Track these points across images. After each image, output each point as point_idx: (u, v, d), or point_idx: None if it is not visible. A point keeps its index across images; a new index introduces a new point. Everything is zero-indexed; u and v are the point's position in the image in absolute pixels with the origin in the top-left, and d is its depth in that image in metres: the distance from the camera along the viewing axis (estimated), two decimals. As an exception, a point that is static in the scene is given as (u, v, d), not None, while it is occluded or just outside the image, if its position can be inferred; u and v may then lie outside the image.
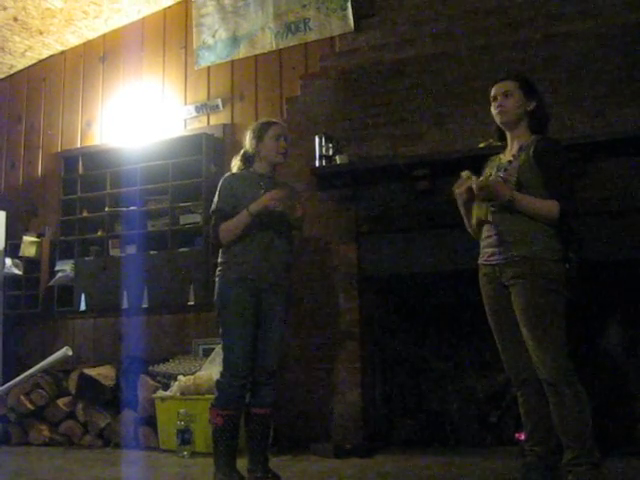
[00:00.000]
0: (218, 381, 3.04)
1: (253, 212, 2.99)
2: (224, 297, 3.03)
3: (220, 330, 3.04)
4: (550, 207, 2.60)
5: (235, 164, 3.23)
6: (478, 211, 2.75)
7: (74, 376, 4.56)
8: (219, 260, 3.12)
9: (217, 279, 3.09)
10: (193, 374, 4.19)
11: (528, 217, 2.62)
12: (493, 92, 2.79)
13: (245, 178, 3.14)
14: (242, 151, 3.21)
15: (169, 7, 5.30)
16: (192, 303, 4.66)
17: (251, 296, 3.01)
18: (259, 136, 3.13)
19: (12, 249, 5.31)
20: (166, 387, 4.27)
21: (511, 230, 2.66)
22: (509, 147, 2.81)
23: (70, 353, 4.67)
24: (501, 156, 2.83)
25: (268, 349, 3.05)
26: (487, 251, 2.75)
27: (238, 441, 3.02)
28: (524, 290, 2.59)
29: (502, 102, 2.74)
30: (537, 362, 2.57)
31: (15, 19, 5.13)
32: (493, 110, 2.79)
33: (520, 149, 2.72)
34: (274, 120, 3.29)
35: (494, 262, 2.71)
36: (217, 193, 3.13)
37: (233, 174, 3.20)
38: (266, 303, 3.05)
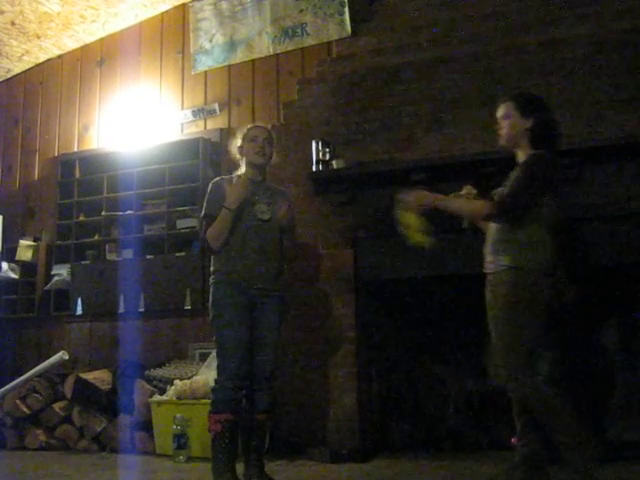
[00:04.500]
0: (213, 387, 3.04)
1: (232, 207, 3.00)
2: (218, 302, 3.04)
3: (214, 335, 3.05)
4: (474, 208, 2.71)
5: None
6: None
7: (70, 380, 4.54)
8: (212, 267, 3.13)
9: (211, 285, 3.10)
10: (189, 378, 4.18)
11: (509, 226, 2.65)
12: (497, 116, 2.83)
13: (234, 182, 3.16)
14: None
15: (166, 12, 5.31)
16: (188, 307, 4.66)
17: (245, 301, 3.02)
18: (241, 142, 3.18)
19: (8, 253, 5.31)
20: (162, 391, 4.26)
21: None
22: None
23: (66, 357, 4.68)
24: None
25: (263, 354, 3.06)
26: None
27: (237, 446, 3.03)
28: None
29: (501, 126, 2.79)
30: None
31: (12, 23, 5.13)
32: None
33: (518, 166, 2.74)
34: (255, 125, 3.31)
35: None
36: (206, 198, 3.15)
37: (222, 178, 3.25)
38: (259, 309, 3.07)
